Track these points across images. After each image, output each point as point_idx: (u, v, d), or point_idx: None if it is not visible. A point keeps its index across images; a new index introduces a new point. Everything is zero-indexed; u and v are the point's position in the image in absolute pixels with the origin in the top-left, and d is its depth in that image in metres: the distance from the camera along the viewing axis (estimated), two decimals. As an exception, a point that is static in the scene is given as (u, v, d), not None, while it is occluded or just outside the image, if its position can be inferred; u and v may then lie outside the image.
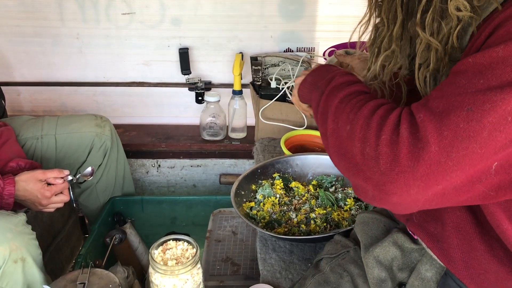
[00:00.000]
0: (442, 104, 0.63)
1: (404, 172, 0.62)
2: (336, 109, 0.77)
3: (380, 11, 0.80)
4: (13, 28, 1.94)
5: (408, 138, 0.63)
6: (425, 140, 0.61)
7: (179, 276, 1.03)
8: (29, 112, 2.07)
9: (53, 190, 1.29)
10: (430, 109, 0.64)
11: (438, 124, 0.62)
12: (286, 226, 1.21)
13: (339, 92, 0.80)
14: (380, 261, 0.91)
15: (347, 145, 0.71)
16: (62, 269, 1.70)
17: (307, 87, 0.94)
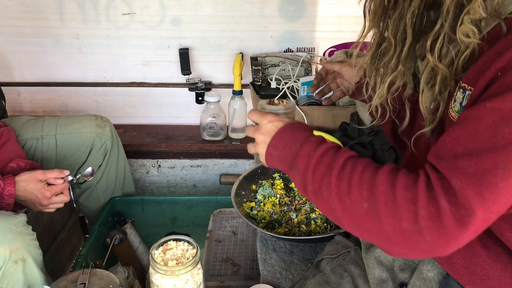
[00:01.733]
0: (473, 164, 0.62)
1: (453, 239, 0.63)
2: (338, 188, 0.72)
3: (385, 29, 0.78)
4: (13, 29, 1.94)
5: (450, 208, 0.62)
6: (469, 207, 0.61)
7: (180, 276, 1.03)
8: (29, 113, 2.07)
9: (54, 191, 1.29)
10: (463, 172, 0.62)
11: (477, 188, 0.61)
12: (286, 226, 1.21)
13: (328, 169, 0.74)
14: (381, 261, 0.91)
15: (371, 222, 0.68)
16: (62, 270, 1.70)
17: (275, 161, 0.84)
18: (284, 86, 1.78)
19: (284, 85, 1.79)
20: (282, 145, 0.82)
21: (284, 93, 1.76)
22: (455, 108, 0.71)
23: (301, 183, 0.78)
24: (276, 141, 0.83)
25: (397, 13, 0.73)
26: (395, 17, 0.74)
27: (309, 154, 0.78)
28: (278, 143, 0.83)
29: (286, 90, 1.75)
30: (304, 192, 0.79)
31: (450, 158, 0.65)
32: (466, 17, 0.66)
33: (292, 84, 1.79)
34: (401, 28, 0.74)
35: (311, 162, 0.77)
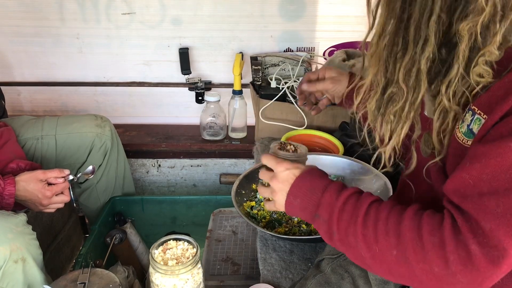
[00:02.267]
0: (501, 203, 0.62)
1: (488, 277, 0.63)
2: (365, 236, 0.72)
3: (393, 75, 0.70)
4: (13, 28, 1.94)
5: (481, 251, 0.63)
6: (501, 247, 0.62)
7: (180, 276, 1.03)
8: (29, 112, 2.07)
9: (54, 190, 1.29)
10: (492, 212, 0.62)
11: (508, 229, 0.61)
12: (286, 226, 1.21)
13: (352, 217, 0.74)
14: None
15: (402, 269, 0.69)
16: (62, 269, 1.70)
17: (296, 209, 0.84)
18: (284, 86, 1.78)
19: (284, 85, 1.79)
20: (302, 194, 0.81)
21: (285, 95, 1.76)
22: (462, 129, 0.70)
23: (327, 233, 0.78)
24: (295, 190, 0.83)
25: (408, 58, 0.67)
26: (405, 62, 0.67)
27: (332, 203, 0.77)
28: (298, 192, 0.82)
29: (286, 90, 1.75)
30: (330, 240, 0.79)
31: (475, 198, 0.64)
32: (481, 59, 0.64)
33: (292, 83, 1.79)
34: (414, 74, 0.68)
35: (334, 212, 0.76)
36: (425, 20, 0.64)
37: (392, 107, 0.72)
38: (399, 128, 0.73)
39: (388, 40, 0.67)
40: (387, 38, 0.67)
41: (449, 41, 0.66)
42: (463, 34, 0.63)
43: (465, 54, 0.64)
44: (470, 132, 0.69)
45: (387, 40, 0.67)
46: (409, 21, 0.65)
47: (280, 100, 1.76)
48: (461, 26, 0.62)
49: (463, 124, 0.70)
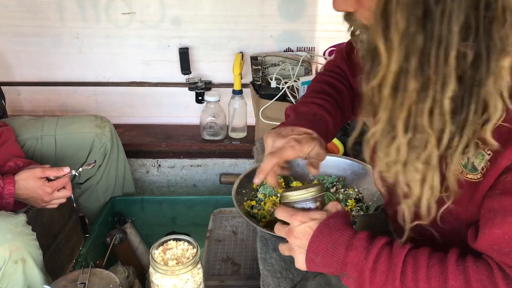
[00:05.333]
0: None
1: None
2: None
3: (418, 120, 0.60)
4: (13, 28, 1.93)
5: None
6: None
7: (180, 276, 1.03)
8: (29, 112, 2.07)
9: (55, 186, 1.29)
10: None
11: None
12: (286, 226, 1.21)
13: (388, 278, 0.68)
14: None
15: None
16: (62, 269, 1.69)
17: (319, 266, 0.76)
18: (284, 85, 1.78)
19: (284, 85, 1.79)
20: (323, 251, 0.74)
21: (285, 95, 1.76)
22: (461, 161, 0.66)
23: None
24: (315, 247, 0.75)
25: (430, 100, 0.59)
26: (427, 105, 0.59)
27: (360, 263, 0.71)
28: (318, 249, 0.74)
29: (286, 89, 1.75)
30: None
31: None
32: None
33: (292, 83, 1.79)
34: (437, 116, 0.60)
35: (365, 273, 0.70)
36: (444, 56, 0.56)
37: (417, 155, 0.62)
38: (429, 175, 0.63)
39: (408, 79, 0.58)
40: (406, 76, 0.58)
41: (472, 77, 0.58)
42: (504, 71, 0.57)
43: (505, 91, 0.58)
44: (471, 166, 0.65)
45: (407, 79, 0.58)
46: (428, 57, 0.56)
47: (280, 100, 1.76)
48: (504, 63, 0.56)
49: (462, 156, 0.64)
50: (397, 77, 0.58)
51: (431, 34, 0.55)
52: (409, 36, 0.56)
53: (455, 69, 0.56)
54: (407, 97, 0.59)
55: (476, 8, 0.54)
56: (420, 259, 0.68)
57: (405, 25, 0.55)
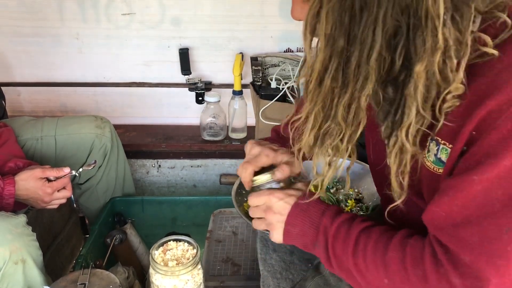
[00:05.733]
0: (476, 232, 0.62)
1: None
2: (356, 265, 0.75)
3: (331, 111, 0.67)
4: (13, 28, 1.93)
5: (463, 283, 0.64)
6: (484, 277, 0.62)
7: (180, 276, 1.03)
8: (29, 113, 2.07)
9: (55, 187, 1.29)
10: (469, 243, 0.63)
11: (488, 258, 0.62)
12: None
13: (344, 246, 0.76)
14: None
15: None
16: (62, 270, 1.69)
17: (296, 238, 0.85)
18: (284, 86, 1.78)
19: (284, 85, 1.79)
20: (301, 222, 0.82)
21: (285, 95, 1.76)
22: (430, 159, 0.70)
23: (326, 260, 0.80)
24: (292, 219, 0.83)
25: (348, 95, 0.65)
26: (345, 99, 0.65)
27: (327, 229, 0.79)
28: (296, 220, 0.82)
29: (286, 90, 1.75)
30: (330, 267, 0.81)
31: (450, 229, 0.65)
32: (449, 96, 0.62)
33: (292, 84, 1.79)
34: (353, 111, 0.66)
35: (329, 238, 0.78)
36: (365, 58, 0.61)
37: (330, 141, 0.70)
38: (337, 160, 0.72)
39: (329, 77, 0.64)
40: (327, 75, 0.65)
41: (394, 79, 0.63)
42: (420, 76, 0.60)
43: (423, 94, 0.61)
44: (439, 161, 0.68)
45: (327, 77, 0.65)
46: (349, 58, 0.62)
47: (280, 100, 1.76)
48: (417, 68, 0.59)
49: (430, 154, 0.70)
50: (320, 75, 0.65)
51: (355, 37, 0.61)
52: (332, 39, 0.62)
53: (375, 70, 0.61)
54: (327, 92, 0.66)
55: (403, 15, 0.58)
56: (373, 232, 0.75)
57: (330, 29, 0.61)
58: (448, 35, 0.58)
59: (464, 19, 0.59)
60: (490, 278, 0.62)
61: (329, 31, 0.62)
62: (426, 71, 0.60)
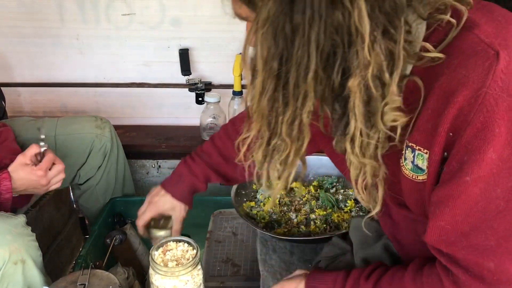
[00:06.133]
0: (490, 235, 0.63)
1: None
2: None
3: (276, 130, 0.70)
4: (13, 29, 1.93)
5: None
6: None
7: (180, 277, 1.03)
8: (29, 113, 2.07)
9: (44, 167, 1.25)
10: (488, 249, 0.63)
11: (510, 256, 0.62)
12: (286, 227, 1.21)
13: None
14: (369, 263, 0.91)
15: None
16: (62, 270, 1.69)
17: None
18: (284, 86, 1.78)
19: (284, 86, 1.79)
20: None
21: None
22: (407, 167, 0.70)
23: None
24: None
25: (290, 113, 0.66)
26: (287, 117, 0.66)
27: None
28: None
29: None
30: None
31: (463, 240, 0.65)
32: (387, 108, 0.63)
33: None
34: (296, 127, 0.67)
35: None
36: (303, 77, 0.62)
37: (278, 157, 0.72)
38: (285, 174, 0.74)
39: (269, 97, 0.66)
40: (267, 95, 0.66)
41: (339, 95, 0.65)
42: (354, 90, 0.61)
43: (360, 108, 0.62)
44: (417, 167, 0.69)
45: (268, 97, 0.66)
46: (287, 78, 0.64)
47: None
48: (350, 83, 0.61)
49: (407, 162, 0.70)
50: (260, 96, 0.67)
51: (290, 59, 0.62)
52: (268, 62, 0.64)
53: (313, 88, 0.63)
54: (270, 111, 0.67)
55: (338, 33, 0.59)
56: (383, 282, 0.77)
57: (266, 53, 0.63)
58: (379, 50, 0.59)
59: (397, 32, 0.59)
60: None
61: (265, 54, 0.63)
62: (359, 86, 0.61)
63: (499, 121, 0.58)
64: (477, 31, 0.62)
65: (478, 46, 0.61)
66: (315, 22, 0.58)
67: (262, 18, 0.61)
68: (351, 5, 0.57)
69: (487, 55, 0.60)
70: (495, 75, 0.58)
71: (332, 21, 0.58)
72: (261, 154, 0.74)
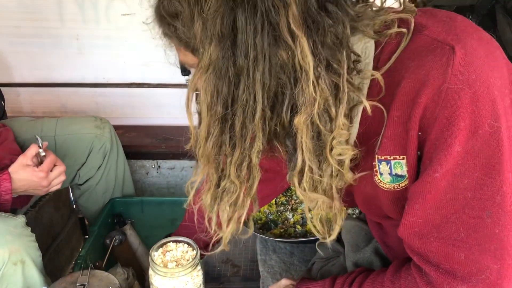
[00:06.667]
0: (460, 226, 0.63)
1: None
2: None
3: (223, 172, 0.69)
4: (12, 29, 1.93)
5: (470, 285, 0.64)
6: (485, 267, 0.63)
7: (179, 278, 1.02)
8: (29, 113, 2.07)
9: (46, 168, 1.25)
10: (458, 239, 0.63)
11: (480, 247, 0.62)
12: (282, 227, 1.21)
13: None
14: (358, 266, 0.92)
15: None
16: (61, 271, 1.69)
17: None
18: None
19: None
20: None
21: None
22: (385, 180, 0.70)
23: None
24: None
25: (238, 154, 0.65)
26: (235, 159, 0.66)
27: None
28: None
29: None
30: None
31: (434, 231, 0.65)
32: (335, 142, 0.63)
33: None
34: (245, 168, 0.66)
35: None
36: (250, 118, 0.62)
37: (227, 198, 0.71)
38: (235, 215, 0.72)
39: (214, 141, 0.66)
40: (213, 140, 0.66)
41: (290, 132, 0.64)
42: (300, 127, 0.61)
43: (308, 144, 0.63)
44: (397, 176, 0.69)
45: (213, 141, 0.66)
46: (233, 121, 0.63)
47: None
48: (296, 120, 0.61)
49: (383, 176, 0.70)
50: (206, 140, 0.67)
51: (236, 101, 0.62)
52: (211, 107, 0.64)
53: (261, 128, 0.63)
54: (216, 154, 0.67)
55: (285, 72, 0.60)
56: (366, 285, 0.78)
57: (209, 98, 0.64)
58: (324, 85, 0.59)
59: (340, 66, 0.60)
60: (490, 265, 0.62)
61: (208, 99, 0.64)
62: (306, 122, 0.61)
63: (463, 115, 0.59)
64: (428, 32, 0.63)
65: (432, 45, 0.62)
66: (259, 63, 0.58)
67: (204, 64, 0.62)
68: (293, 43, 0.57)
69: (443, 51, 0.60)
70: (453, 69, 0.59)
71: (277, 60, 0.58)
72: (209, 197, 0.73)
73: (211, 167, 0.69)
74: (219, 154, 0.67)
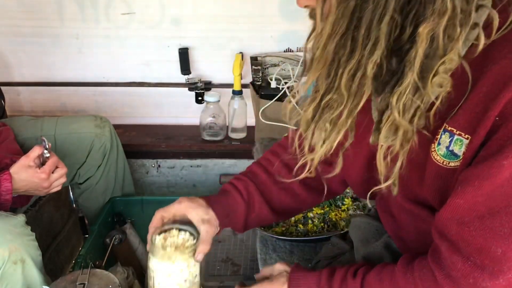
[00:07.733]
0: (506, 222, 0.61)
1: None
2: None
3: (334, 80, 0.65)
4: (12, 28, 1.93)
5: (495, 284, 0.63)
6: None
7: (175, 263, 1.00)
8: (29, 113, 2.07)
9: (47, 170, 1.25)
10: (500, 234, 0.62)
11: None
12: (283, 225, 1.21)
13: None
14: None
15: None
16: (61, 270, 1.69)
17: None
18: (284, 86, 1.78)
19: (284, 85, 1.78)
20: None
21: (285, 95, 1.75)
22: (439, 152, 0.68)
23: None
24: None
25: (354, 62, 0.62)
26: (350, 66, 0.62)
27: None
28: None
29: (286, 90, 1.75)
30: None
31: (476, 222, 0.63)
32: (441, 68, 0.60)
33: (292, 83, 1.79)
34: (358, 79, 0.63)
35: None
36: (377, 20, 0.59)
37: (329, 115, 0.67)
38: (333, 135, 0.68)
39: (336, 42, 0.62)
40: (335, 39, 0.62)
41: (399, 49, 0.62)
42: (422, 38, 0.58)
43: (421, 61, 0.60)
44: (452, 153, 0.66)
45: (335, 41, 0.62)
46: (360, 22, 0.60)
47: (280, 100, 1.76)
48: (421, 29, 0.58)
49: (440, 147, 0.67)
50: (328, 39, 0.63)
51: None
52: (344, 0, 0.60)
53: (386, 35, 0.59)
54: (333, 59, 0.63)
55: None
56: (371, 278, 0.76)
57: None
58: (458, 2, 0.57)
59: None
60: None
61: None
62: (429, 34, 0.58)
63: None
64: None
65: None
66: None
67: None
68: None
69: None
70: None
71: None
72: (311, 112, 0.69)
73: (323, 72, 0.65)
74: (334, 61, 0.63)
